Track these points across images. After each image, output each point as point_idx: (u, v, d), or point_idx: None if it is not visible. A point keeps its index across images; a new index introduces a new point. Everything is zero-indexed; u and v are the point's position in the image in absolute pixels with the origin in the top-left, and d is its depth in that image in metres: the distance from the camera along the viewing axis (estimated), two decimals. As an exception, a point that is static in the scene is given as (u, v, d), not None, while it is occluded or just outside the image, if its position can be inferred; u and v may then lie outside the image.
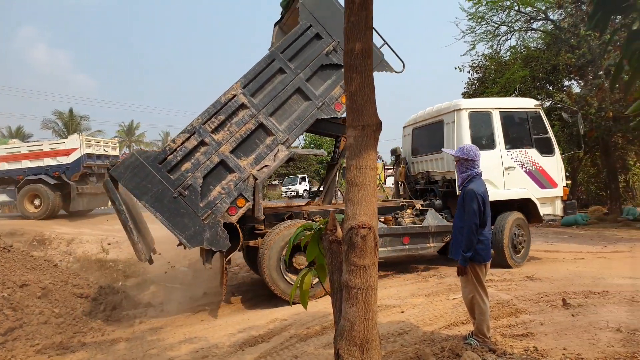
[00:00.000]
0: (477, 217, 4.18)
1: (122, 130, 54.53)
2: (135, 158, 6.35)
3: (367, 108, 2.36)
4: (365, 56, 2.35)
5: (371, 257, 2.27)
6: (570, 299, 5.61)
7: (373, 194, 2.33)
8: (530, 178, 8.57)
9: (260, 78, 6.98)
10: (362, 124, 2.35)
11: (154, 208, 6.29)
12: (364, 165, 2.31)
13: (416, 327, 5.07)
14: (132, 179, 6.28)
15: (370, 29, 2.38)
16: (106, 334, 6.52)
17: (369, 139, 2.35)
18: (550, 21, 18.65)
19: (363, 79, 2.35)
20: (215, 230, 6.50)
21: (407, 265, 8.70)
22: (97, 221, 16.23)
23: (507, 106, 8.74)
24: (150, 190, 6.30)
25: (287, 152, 7.00)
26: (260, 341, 5.31)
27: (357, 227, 2.24)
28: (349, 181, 2.34)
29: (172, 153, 6.47)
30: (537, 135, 8.74)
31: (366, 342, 2.25)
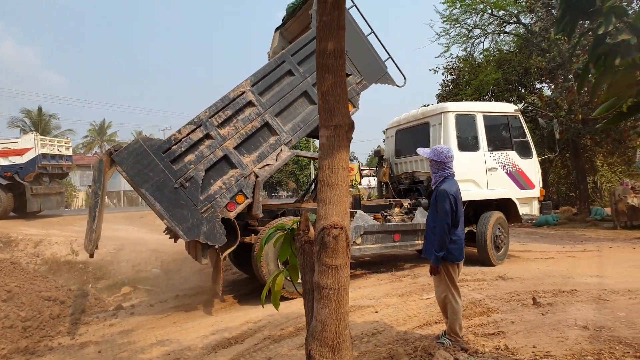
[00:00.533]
0: (450, 217, 4.22)
1: (93, 130, 53.34)
2: (140, 145, 6.21)
3: (339, 108, 2.35)
4: (337, 56, 2.34)
5: (343, 257, 2.26)
6: (540, 298, 5.72)
7: (345, 194, 2.32)
8: (510, 179, 8.92)
9: (269, 78, 7.06)
10: (334, 124, 2.34)
11: (154, 197, 6.16)
12: (337, 165, 2.30)
13: (390, 327, 5.09)
14: (134, 165, 6.14)
15: (342, 29, 2.37)
16: (75, 337, 6.36)
17: (341, 139, 2.34)
18: (522, 25, 19.08)
19: (335, 78, 2.34)
20: (212, 224, 6.43)
21: (381, 266, 8.75)
22: (67, 222, 15.83)
23: (489, 110, 9.10)
24: (152, 179, 6.18)
25: (290, 152, 7.10)
26: (233, 343, 5.26)
27: (329, 227, 2.23)
28: (321, 181, 2.33)
29: (177, 143, 6.40)
30: (517, 138, 9.17)
31: (338, 343, 2.24)
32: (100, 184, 6.29)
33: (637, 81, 2.68)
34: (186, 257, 10.63)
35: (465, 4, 18.36)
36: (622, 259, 8.88)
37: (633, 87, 2.69)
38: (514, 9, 18.79)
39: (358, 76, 7.62)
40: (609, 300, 5.59)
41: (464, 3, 18.33)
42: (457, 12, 19.03)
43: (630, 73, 2.64)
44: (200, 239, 6.36)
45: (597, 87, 2.80)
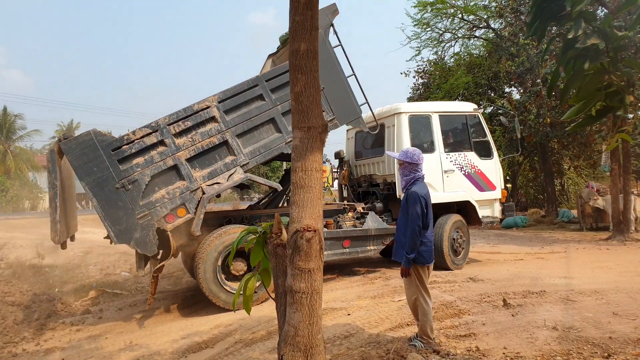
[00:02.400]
0: (420, 219, 4.24)
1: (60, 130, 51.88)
2: (90, 137, 6.02)
3: (312, 109, 2.31)
4: (310, 57, 2.31)
5: (316, 260, 2.22)
6: (510, 299, 5.81)
7: (319, 197, 2.29)
8: (469, 181, 8.77)
9: (238, 98, 6.94)
10: (307, 126, 2.30)
11: (92, 192, 5.99)
12: (310, 167, 2.26)
13: (362, 329, 5.08)
14: (80, 156, 5.97)
15: (315, 29, 2.34)
16: (40, 343, 6.12)
17: (315, 141, 2.30)
18: (491, 29, 19.46)
19: (308, 79, 2.30)
20: (146, 232, 6.21)
21: (353, 268, 8.75)
22: (32, 224, 15.32)
23: (446, 110, 8.95)
24: (95, 174, 6.02)
25: (243, 176, 6.85)
26: (204, 347, 5.17)
27: (302, 230, 2.19)
28: (295, 183, 2.29)
29: (129, 144, 6.22)
30: (476, 139, 8.97)
31: (310, 348, 2.20)
32: (56, 174, 6.08)
33: (606, 85, 2.73)
34: (157, 260, 10.43)
35: (436, 8, 18.63)
36: (588, 260, 9.12)
37: (602, 91, 2.75)
38: (484, 14, 19.18)
39: (330, 115, 7.53)
40: (577, 301, 5.73)
41: (434, 7, 18.60)
42: (428, 16, 19.31)
43: (599, 77, 2.70)
44: (130, 244, 6.15)
45: (566, 90, 2.85)
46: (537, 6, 2.73)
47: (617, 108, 2.79)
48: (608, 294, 5.94)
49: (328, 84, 7.33)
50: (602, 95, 2.74)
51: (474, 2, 18.95)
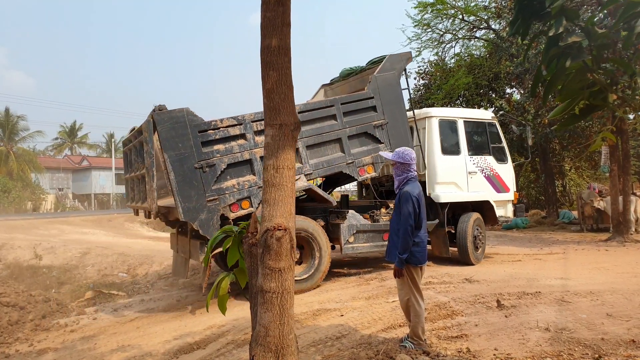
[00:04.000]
0: (412, 219, 4.21)
1: (63, 132, 52.07)
2: (183, 114, 6.45)
3: (284, 106, 2.29)
4: (282, 53, 2.28)
5: (287, 259, 2.20)
6: (504, 300, 5.76)
7: (291, 195, 2.26)
8: (488, 182, 9.36)
9: (314, 113, 7.58)
10: (279, 123, 2.28)
11: (172, 166, 6.31)
12: (282, 166, 2.24)
13: (355, 330, 5.05)
14: (169, 130, 6.34)
15: (287, 26, 2.32)
16: (33, 344, 6.12)
17: (287, 139, 2.28)
18: (492, 30, 19.39)
19: (280, 76, 2.28)
20: (211, 215, 6.52)
21: (350, 268, 8.72)
22: (32, 225, 15.36)
23: (470, 116, 9.53)
24: (179, 149, 6.36)
25: (305, 184, 7.31)
26: (195, 348, 5.15)
27: (273, 228, 2.16)
28: (266, 181, 2.27)
29: (214, 129, 6.64)
30: (494, 144, 9.62)
31: (282, 348, 2.18)
32: (152, 143, 6.41)
33: (589, 84, 2.70)
34: (153, 261, 10.44)
35: (437, 9, 18.57)
36: (586, 261, 9.06)
37: (585, 90, 2.71)
38: (484, 15, 19.11)
39: (388, 147, 8.10)
40: (571, 302, 5.68)
41: (435, 8, 18.54)
42: (429, 17, 19.24)
43: (582, 75, 2.66)
44: (195, 223, 6.39)
45: (549, 89, 2.82)
46: (519, 4, 2.70)
47: (601, 107, 2.76)
48: (603, 295, 5.89)
49: (392, 120, 8.18)
50: (586, 94, 2.71)
51: (474, 3, 18.90)
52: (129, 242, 13.68)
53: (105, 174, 44.07)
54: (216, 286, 2.46)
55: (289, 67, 2.35)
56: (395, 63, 8.47)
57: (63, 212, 29.00)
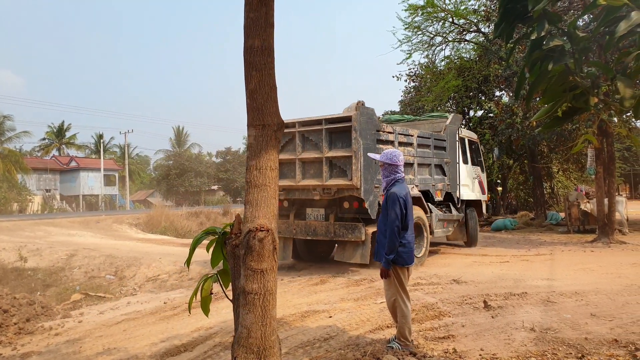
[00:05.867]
0: (399, 220, 4.22)
1: (51, 132, 51.47)
2: (373, 112, 8.37)
3: (267, 107, 2.28)
4: (265, 53, 2.28)
5: (269, 261, 2.19)
6: (491, 301, 5.81)
7: (274, 196, 2.25)
8: (479, 186, 12.43)
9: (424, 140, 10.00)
10: (262, 123, 2.27)
11: (362, 152, 7.94)
12: (264, 166, 2.23)
13: (343, 331, 5.06)
14: (365, 122, 8.12)
15: (271, 26, 2.32)
16: (17, 348, 6.03)
17: (270, 139, 2.28)
18: (481, 33, 19.53)
19: (262, 76, 2.28)
20: (375, 199, 8.25)
21: (339, 269, 8.72)
22: (18, 227, 15.16)
23: (470, 136, 12.36)
24: (366, 139, 8.10)
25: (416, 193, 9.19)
26: (182, 350, 5.11)
27: (255, 229, 2.15)
28: (249, 182, 2.26)
29: (382, 132, 8.63)
30: (479, 158, 12.79)
31: (264, 350, 2.17)
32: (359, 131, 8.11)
33: (571, 86, 2.73)
34: (141, 263, 10.35)
35: (427, 12, 18.64)
36: (572, 262, 9.15)
37: (567, 92, 2.74)
38: (474, 18, 19.24)
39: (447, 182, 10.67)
40: (557, 302, 5.74)
41: (425, 11, 18.62)
42: (419, 19, 19.29)
43: (564, 78, 2.69)
44: (366, 204, 8.05)
45: (532, 91, 2.85)
46: (503, 7, 2.73)
47: (583, 109, 2.79)
48: (588, 296, 5.96)
49: (452, 160, 10.89)
50: (568, 96, 2.74)
51: (464, 6, 18.99)
52: (116, 244, 13.55)
53: (94, 175, 43.67)
54: (199, 288, 2.45)
55: (273, 68, 2.34)
56: (456, 121, 11.38)
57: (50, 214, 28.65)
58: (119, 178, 46.86)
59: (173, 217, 19.92)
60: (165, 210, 20.89)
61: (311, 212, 9.09)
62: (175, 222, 19.38)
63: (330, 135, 8.40)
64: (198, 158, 46.11)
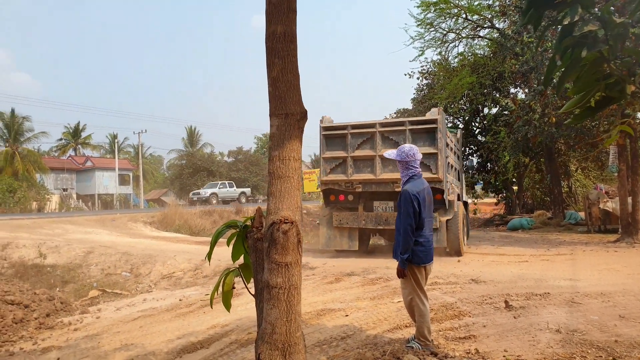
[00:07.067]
0: (412, 219, 4.10)
1: (67, 133, 52.15)
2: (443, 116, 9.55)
3: (290, 95, 2.21)
4: (287, 40, 2.21)
5: (294, 254, 2.11)
6: (512, 301, 5.67)
7: (297, 187, 2.18)
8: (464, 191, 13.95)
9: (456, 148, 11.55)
10: (285, 112, 2.20)
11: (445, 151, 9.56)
12: (287, 157, 2.16)
13: (360, 330, 4.97)
14: (442, 124, 9.37)
15: (293, 12, 2.24)
16: (37, 342, 6.08)
17: (293, 129, 2.20)
18: (496, 29, 19.22)
19: (285, 64, 2.21)
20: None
21: (355, 268, 8.63)
22: (37, 225, 15.34)
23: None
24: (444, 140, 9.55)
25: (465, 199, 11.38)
26: (199, 347, 5.08)
27: (279, 222, 2.08)
28: (272, 173, 2.18)
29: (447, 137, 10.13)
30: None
31: (289, 346, 2.09)
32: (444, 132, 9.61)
33: (605, 75, 2.61)
34: (156, 260, 10.38)
35: (440, 8, 18.40)
36: (595, 262, 8.93)
37: (601, 81, 2.62)
38: (488, 14, 18.95)
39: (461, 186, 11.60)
40: (582, 303, 5.57)
41: (438, 7, 18.37)
42: (432, 16, 19.04)
43: (598, 66, 2.57)
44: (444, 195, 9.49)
45: (563, 80, 2.73)
46: (532, -8, 2.61)
47: (617, 99, 2.66)
48: (615, 297, 5.78)
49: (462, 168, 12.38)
50: (602, 85, 2.61)
51: (477, 2, 18.70)
52: (132, 242, 13.63)
53: (108, 175, 44.11)
54: (220, 282, 2.39)
55: (295, 55, 2.27)
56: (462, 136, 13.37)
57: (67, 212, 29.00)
58: (133, 177, 47.27)
59: (187, 215, 20.01)
60: (178, 208, 20.98)
61: (379, 205, 9.97)
62: (189, 220, 19.46)
63: (412, 135, 9.39)
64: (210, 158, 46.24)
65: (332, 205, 10.46)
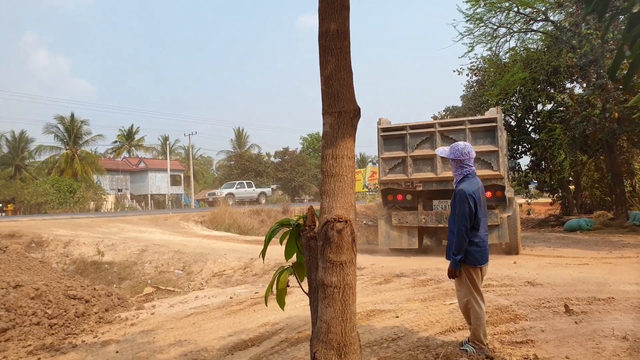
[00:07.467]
0: (468, 219, 3.99)
1: (122, 135, 54.50)
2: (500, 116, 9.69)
3: (343, 93, 2.19)
4: (341, 37, 2.19)
5: (349, 253, 2.09)
6: (573, 305, 5.39)
7: (351, 186, 2.15)
8: None
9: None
10: (338, 110, 2.18)
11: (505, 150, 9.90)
12: (341, 155, 2.14)
13: (411, 332, 4.88)
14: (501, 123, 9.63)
15: (346, 9, 2.22)
16: (97, 336, 6.37)
17: (346, 127, 2.18)
18: (550, 22, 18.41)
19: (339, 61, 2.19)
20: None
21: (404, 269, 8.51)
22: (95, 224, 16.11)
23: None
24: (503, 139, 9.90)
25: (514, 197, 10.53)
26: (250, 345, 5.15)
27: (333, 220, 2.06)
28: (325, 172, 2.17)
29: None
30: None
31: (344, 346, 2.07)
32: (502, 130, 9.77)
33: None
34: (207, 259, 10.64)
35: (490, 2, 17.79)
36: (663, 265, 8.38)
37: (675, 72, 2.44)
38: (542, 6, 18.16)
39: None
40: (651, 309, 5.23)
41: (488, 2, 17.77)
42: (482, 10, 18.43)
43: (671, 56, 2.40)
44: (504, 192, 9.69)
45: (632, 72, 2.56)
46: (598, -21, 2.47)
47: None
48: (688, 303, 5.39)
49: None
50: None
51: (530, -6, 17.98)
52: (184, 240, 14.05)
53: (161, 175, 45.68)
54: (275, 280, 2.40)
55: (349, 52, 2.26)
56: None
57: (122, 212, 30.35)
58: (184, 178, 48.77)
59: (236, 215, 20.41)
60: (228, 208, 21.45)
61: (438, 204, 10.12)
62: (238, 219, 19.85)
63: (471, 134, 9.52)
64: (257, 158, 46.98)
65: (390, 205, 10.60)
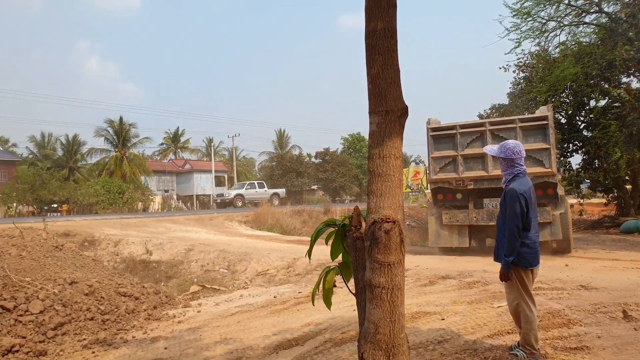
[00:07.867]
0: (519, 219, 3.87)
1: (168, 137, 56.22)
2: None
3: (390, 92, 2.16)
4: (388, 36, 2.17)
5: (397, 253, 2.06)
6: (632, 311, 5.12)
7: (398, 185, 2.12)
8: None
9: None
10: (385, 109, 2.16)
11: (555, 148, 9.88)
12: (388, 154, 2.11)
13: (457, 335, 4.78)
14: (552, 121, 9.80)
15: (393, 7, 2.20)
16: (147, 332, 6.58)
17: (393, 125, 2.15)
18: (604, 14, 17.54)
19: (385, 60, 2.17)
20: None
21: (450, 271, 8.34)
22: (143, 223, 16.68)
23: None
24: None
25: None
26: (294, 344, 5.18)
27: (381, 220, 2.04)
28: (372, 171, 2.15)
29: None
30: None
31: (392, 347, 2.05)
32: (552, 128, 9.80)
33: None
34: (251, 258, 10.80)
35: (539, -5, 17.14)
36: None
37: None
38: (595, -3, 17.34)
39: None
40: None
41: (536, -5, 17.13)
42: (529, 4, 17.75)
43: None
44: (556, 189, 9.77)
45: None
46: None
47: None
48: None
49: None
50: None
51: (583, -15, 17.20)
52: (228, 240, 14.33)
53: (205, 176, 46.76)
54: (321, 280, 2.41)
55: (396, 50, 2.23)
56: None
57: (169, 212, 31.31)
58: (227, 179, 49.73)
59: (278, 215, 20.65)
60: (271, 208, 21.73)
61: (489, 202, 10.20)
62: (280, 219, 20.07)
63: (522, 132, 9.62)
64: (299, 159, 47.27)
65: (439, 204, 10.65)
